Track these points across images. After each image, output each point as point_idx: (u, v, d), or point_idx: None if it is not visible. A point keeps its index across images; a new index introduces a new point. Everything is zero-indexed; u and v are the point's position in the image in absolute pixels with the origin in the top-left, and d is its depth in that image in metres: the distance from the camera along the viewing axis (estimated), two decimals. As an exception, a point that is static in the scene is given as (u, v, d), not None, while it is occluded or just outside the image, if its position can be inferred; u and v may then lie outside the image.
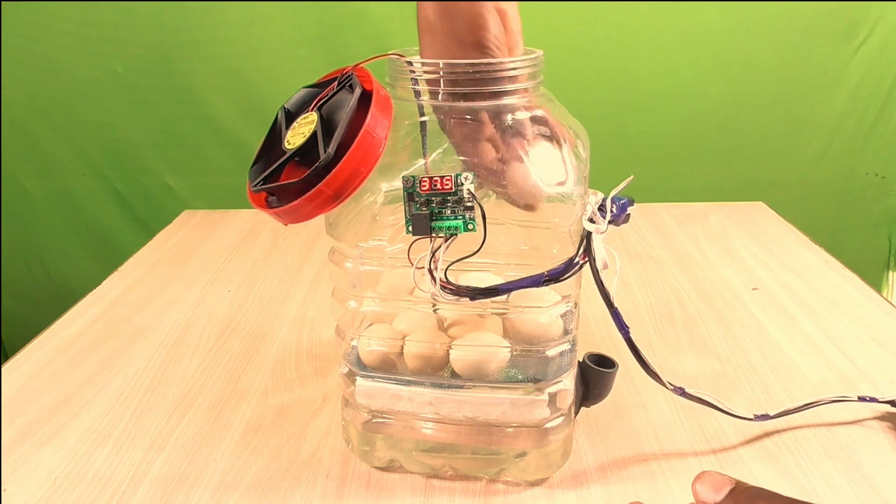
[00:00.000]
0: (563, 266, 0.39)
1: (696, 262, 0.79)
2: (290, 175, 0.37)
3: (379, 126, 0.36)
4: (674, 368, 0.58)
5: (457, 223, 0.38)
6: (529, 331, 0.43)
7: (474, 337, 0.42)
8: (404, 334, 0.43)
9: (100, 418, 0.53)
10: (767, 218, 0.92)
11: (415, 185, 0.38)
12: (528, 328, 0.43)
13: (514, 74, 0.39)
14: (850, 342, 0.61)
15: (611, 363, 0.46)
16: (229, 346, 0.63)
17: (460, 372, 0.42)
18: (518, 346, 0.43)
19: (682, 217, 0.93)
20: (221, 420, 0.53)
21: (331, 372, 0.59)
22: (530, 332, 0.43)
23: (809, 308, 0.67)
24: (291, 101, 0.41)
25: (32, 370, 0.60)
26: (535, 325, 0.42)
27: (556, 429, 0.44)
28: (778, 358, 0.59)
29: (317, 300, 0.72)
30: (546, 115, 0.41)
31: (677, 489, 0.44)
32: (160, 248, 0.86)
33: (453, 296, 0.39)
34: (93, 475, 0.47)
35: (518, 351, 0.43)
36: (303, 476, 0.46)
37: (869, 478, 0.45)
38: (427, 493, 0.45)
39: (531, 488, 0.45)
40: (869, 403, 0.51)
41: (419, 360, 0.43)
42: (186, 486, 0.46)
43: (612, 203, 0.40)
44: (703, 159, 1.32)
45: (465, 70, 0.38)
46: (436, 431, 0.44)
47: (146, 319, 0.68)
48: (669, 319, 0.66)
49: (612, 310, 0.41)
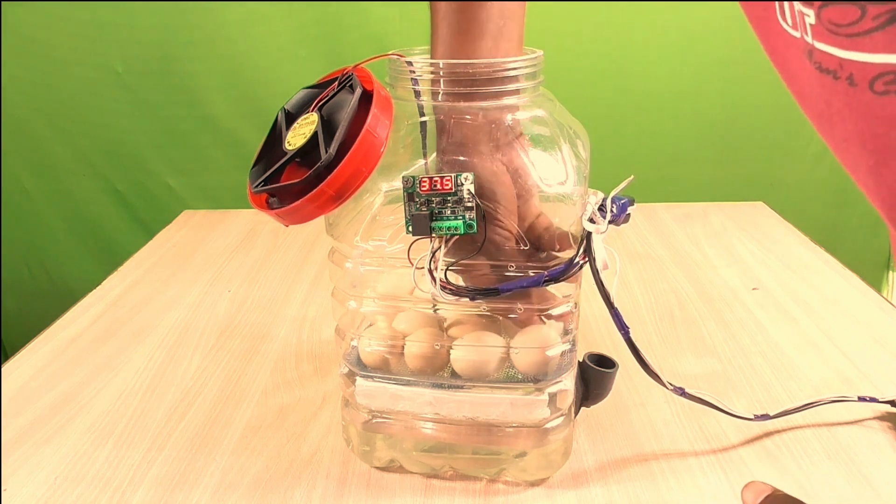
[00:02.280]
0: (563, 266, 0.39)
1: (696, 262, 0.79)
2: (291, 176, 0.37)
3: (380, 126, 0.36)
4: (674, 368, 0.58)
5: (457, 223, 0.38)
6: (530, 363, 0.43)
7: (474, 337, 0.42)
8: (404, 334, 0.43)
9: (100, 418, 0.53)
10: (767, 218, 0.92)
11: (415, 185, 0.38)
12: (530, 361, 0.43)
13: (514, 74, 0.39)
14: (850, 342, 0.61)
15: (611, 363, 0.46)
16: (229, 346, 0.63)
17: (461, 372, 0.42)
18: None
19: (682, 217, 0.93)
20: (221, 420, 0.53)
21: (331, 372, 0.59)
22: (530, 365, 0.43)
23: (809, 308, 0.67)
24: (291, 102, 0.41)
25: (32, 370, 0.60)
26: (538, 359, 0.43)
27: (556, 429, 0.44)
28: (778, 358, 0.59)
29: (317, 300, 0.72)
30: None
31: (677, 489, 0.44)
32: (160, 248, 0.86)
33: (453, 296, 0.39)
34: (93, 475, 0.47)
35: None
36: (303, 476, 0.46)
37: (869, 478, 0.45)
38: (427, 493, 0.45)
39: (531, 488, 0.45)
40: (869, 403, 0.51)
41: (419, 361, 0.43)
42: (186, 486, 0.46)
43: (612, 203, 0.40)
44: (703, 159, 1.32)
45: (465, 70, 0.38)
46: (436, 431, 0.44)
47: (146, 319, 0.68)
48: (669, 319, 0.66)
49: (612, 310, 0.41)
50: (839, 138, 0.23)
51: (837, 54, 0.21)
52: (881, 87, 0.20)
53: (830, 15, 0.21)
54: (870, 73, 0.21)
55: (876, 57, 0.20)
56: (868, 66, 0.20)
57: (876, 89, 0.21)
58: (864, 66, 0.21)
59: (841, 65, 0.21)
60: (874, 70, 0.20)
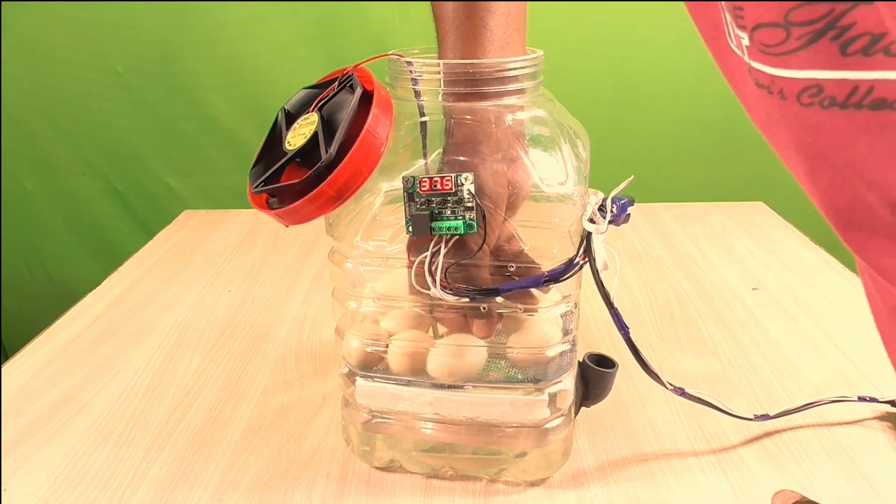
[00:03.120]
0: (563, 266, 0.39)
1: (696, 262, 0.79)
2: (291, 176, 0.37)
3: (380, 126, 0.36)
4: (674, 368, 0.58)
5: (457, 223, 0.38)
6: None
7: (454, 340, 0.43)
8: (390, 333, 0.43)
9: (100, 418, 0.53)
10: (767, 218, 0.92)
11: (415, 185, 0.38)
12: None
13: (514, 74, 0.39)
14: (850, 342, 0.61)
15: (611, 363, 0.46)
16: (229, 346, 0.63)
17: (435, 374, 0.42)
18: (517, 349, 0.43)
19: (682, 217, 0.93)
20: (221, 420, 0.53)
21: (331, 372, 0.59)
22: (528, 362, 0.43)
23: (809, 308, 0.67)
24: (291, 103, 0.41)
25: (32, 370, 0.60)
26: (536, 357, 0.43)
27: (556, 429, 0.44)
28: (778, 358, 0.59)
29: (317, 300, 0.72)
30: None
31: (677, 489, 0.44)
32: (160, 248, 0.86)
33: (453, 296, 0.39)
34: (93, 475, 0.47)
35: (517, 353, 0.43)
36: (303, 476, 0.46)
37: (869, 478, 0.45)
38: (427, 493, 0.45)
39: (531, 488, 0.45)
40: (869, 403, 0.51)
41: (403, 360, 0.43)
42: (186, 486, 0.46)
43: (612, 203, 0.40)
44: (703, 159, 1.32)
45: (465, 70, 0.38)
46: (436, 431, 0.44)
47: (146, 319, 0.68)
48: (669, 319, 0.66)
49: (612, 310, 0.41)
50: (780, 147, 0.26)
51: (769, 71, 0.24)
52: (807, 100, 0.23)
53: (761, 37, 0.23)
54: (796, 87, 0.23)
55: (800, 73, 0.22)
56: (795, 82, 0.23)
57: (802, 102, 0.23)
58: (792, 82, 0.23)
59: (773, 81, 0.24)
60: (800, 85, 0.23)
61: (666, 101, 1.27)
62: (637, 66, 1.25)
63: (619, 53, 1.24)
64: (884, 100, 0.21)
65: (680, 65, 1.24)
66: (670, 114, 1.28)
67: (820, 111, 0.23)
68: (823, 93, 0.22)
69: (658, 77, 1.26)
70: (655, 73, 1.25)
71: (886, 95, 0.21)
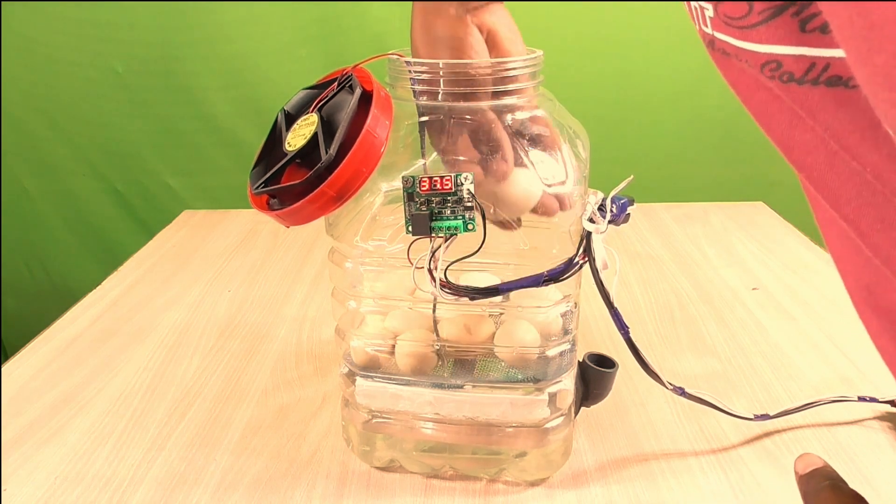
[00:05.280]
0: (563, 266, 0.39)
1: (696, 262, 0.79)
2: (292, 177, 0.37)
3: (380, 126, 0.36)
4: (674, 368, 0.58)
5: (457, 223, 0.38)
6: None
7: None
8: (395, 333, 0.43)
9: (100, 418, 0.53)
10: (767, 218, 0.92)
11: (414, 185, 0.38)
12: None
13: (514, 74, 0.39)
14: (850, 342, 0.61)
15: (611, 363, 0.46)
16: (229, 346, 0.63)
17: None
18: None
19: (682, 217, 0.93)
20: (221, 420, 0.53)
21: (331, 372, 0.59)
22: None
23: (809, 308, 0.67)
24: (291, 103, 0.41)
25: (32, 370, 0.60)
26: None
27: (556, 429, 0.44)
28: (778, 358, 0.59)
29: (317, 300, 0.72)
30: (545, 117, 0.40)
31: (677, 489, 0.44)
32: (160, 248, 0.86)
33: (453, 296, 0.39)
34: (93, 475, 0.47)
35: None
36: (303, 476, 0.46)
37: (869, 478, 0.45)
38: (427, 493, 0.45)
39: (531, 488, 0.45)
40: (869, 403, 0.51)
41: (411, 360, 0.43)
42: (186, 486, 0.46)
43: (612, 203, 0.40)
44: (703, 159, 1.32)
45: (465, 70, 0.38)
46: (436, 431, 0.44)
47: (146, 319, 0.68)
48: (669, 319, 0.66)
49: (612, 310, 0.41)
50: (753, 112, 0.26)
51: (734, 43, 0.24)
52: (768, 73, 0.23)
53: (725, 9, 0.24)
54: (759, 60, 0.23)
55: (762, 47, 0.23)
56: (757, 55, 0.23)
57: (765, 75, 0.23)
58: (754, 55, 0.23)
59: (737, 53, 0.24)
60: (761, 59, 0.23)
61: (666, 101, 1.27)
62: (637, 67, 1.25)
63: (619, 53, 1.24)
64: (839, 77, 0.21)
65: (680, 65, 1.24)
66: (670, 114, 1.28)
67: (780, 85, 0.23)
68: (782, 68, 0.22)
69: (658, 77, 1.25)
70: (655, 74, 1.25)
71: (841, 73, 0.21)
